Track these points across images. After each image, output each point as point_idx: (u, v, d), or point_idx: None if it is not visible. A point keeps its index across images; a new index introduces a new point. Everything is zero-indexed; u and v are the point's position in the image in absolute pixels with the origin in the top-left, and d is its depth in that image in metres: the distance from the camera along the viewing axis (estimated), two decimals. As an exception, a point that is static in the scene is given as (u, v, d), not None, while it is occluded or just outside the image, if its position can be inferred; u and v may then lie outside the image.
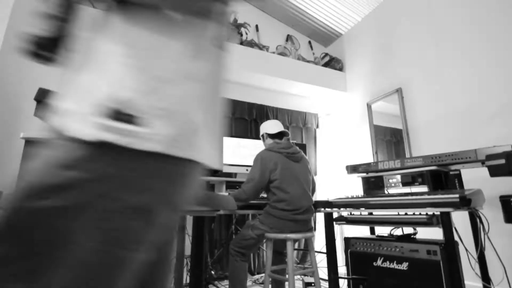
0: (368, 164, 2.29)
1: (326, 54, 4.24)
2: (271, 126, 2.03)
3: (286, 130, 2.04)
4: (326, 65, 4.11)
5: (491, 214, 2.22)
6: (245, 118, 3.50)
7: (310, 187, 1.93)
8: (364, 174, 2.33)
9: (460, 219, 2.43)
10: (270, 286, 2.17)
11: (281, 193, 1.78)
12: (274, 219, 1.75)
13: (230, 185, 2.53)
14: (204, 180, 2.52)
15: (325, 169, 3.96)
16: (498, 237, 2.25)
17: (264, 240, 1.91)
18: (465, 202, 1.52)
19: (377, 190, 2.23)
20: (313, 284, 2.21)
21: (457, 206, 1.53)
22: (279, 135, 2.03)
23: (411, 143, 3.03)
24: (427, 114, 2.89)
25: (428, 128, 2.87)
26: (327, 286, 2.43)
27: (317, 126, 4.03)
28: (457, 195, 1.52)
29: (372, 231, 2.36)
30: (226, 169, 2.59)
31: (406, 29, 3.22)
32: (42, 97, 0.95)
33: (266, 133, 2.04)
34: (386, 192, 2.20)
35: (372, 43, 3.68)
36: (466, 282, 2.38)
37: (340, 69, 4.11)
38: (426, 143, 2.88)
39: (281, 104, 3.90)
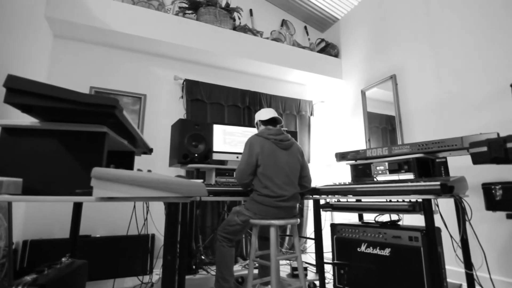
0: (357, 152, 2.29)
1: (322, 40, 4.16)
2: (264, 113, 2.02)
3: (279, 117, 2.03)
4: (321, 51, 4.04)
5: (477, 201, 2.24)
6: (238, 106, 3.48)
7: (297, 175, 1.93)
8: (352, 162, 2.33)
9: (446, 206, 2.46)
10: (257, 270, 2.22)
11: (265, 180, 1.79)
12: (258, 206, 1.77)
13: (220, 173, 2.54)
14: (196, 167, 2.53)
15: (319, 156, 3.97)
16: (481, 223, 2.28)
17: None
18: (446, 189, 1.52)
19: (365, 177, 2.24)
20: (300, 269, 2.25)
21: (438, 193, 1.54)
22: (272, 122, 2.02)
23: (403, 130, 3.02)
24: (420, 101, 2.87)
25: (420, 115, 2.85)
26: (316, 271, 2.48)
27: (311, 114, 4.00)
28: (438, 182, 1.52)
29: (361, 217, 2.39)
30: (216, 157, 2.59)
31: (403, 14, 3.15)
32: (11, 84, 0.94)
33: (259, 120, 2.04)
34: (375, 179, 2.21)
35: (368, 28, 3.61)
36: (450, 267, 2.43)
37: (336, 55, 4.05)
38: (418, 130, 2.87)
39: (275, 91, 3.87)
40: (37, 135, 1.12)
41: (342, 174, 3.61)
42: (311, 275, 2.29)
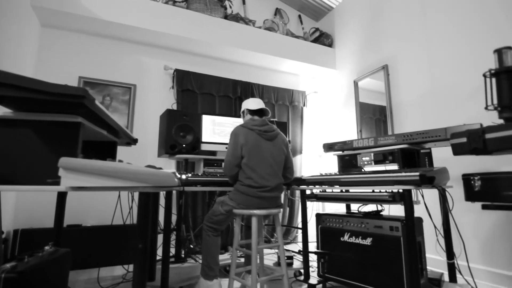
0: (344, 142, 2.29)
1: (316, 29, 4.11)
2: (252, 103, 2.01)
3: (267, 109, 2.02)
4: (315, 40, 3.99)
5: (460, 192, 2.24)
6: (229, 96, 3.46)
7: (281, 166, 1.93)
8: (340, 152, 2.34)
9: (432, 196, 2.47)
10: (243, 259, 2.25)
11: (248, 171, 1.80)
12: (241, 196, 1.78)
13: (208, 163, 2.55)
14: (184, 157, 2.54)
15: (311, 147, 3.97)
16: (466, 214, 2.30)
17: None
18: (425, 180, 1.53)
19: (351, 168, 2.25)
20: (286, 258, 2.29)
21: (417, 183, 1.55)
22: (259, 113, 2.01)
23: (394, 121, 3.01)
24: (411, 92, 2.85)
25: (411, 106, 2.84)
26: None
27: (304, 104, 3.98)
28: (417, 173, 1.53)
29: (348, 208, 2.41)
30: (205, 147, 2.60)
31: (397, 4, 3.09)
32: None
33: (246, 109, 2.02)
34: (363, 170, 2.22)
35: (363, 17, 3.55)
36: (433, 256, 2.47)
37: (330, 45, 4.00)
38: (408, 121, 2.86)
39: (268, 82, 3.84)
40: (10, 125, 1.12)
41: (333, 164, 3.61)
42: (298, 263, 2.32)
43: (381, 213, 2.00)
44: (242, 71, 3.71)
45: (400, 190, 1.66)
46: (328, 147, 2.39)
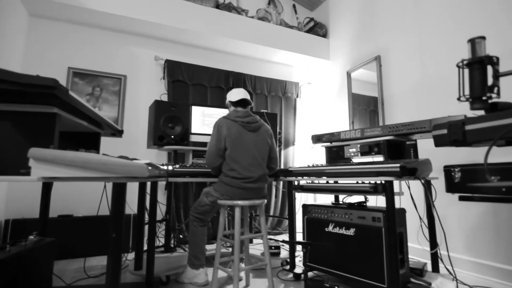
0: (332, 134, 2.29)
1: (311, 19, 4.05)
2: (234, 94, 2.00)
3: (249, 99, 2.01)
4: (309, 31, 3.94)
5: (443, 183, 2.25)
6: (221, 87, 3.44)
7: (265, 157, 1.94)
8: (328, 144, 2.34)
9: (419, 188, 2.48)
10: (231, 249, 2.28)
11: (231, 162, 1.80)
12: (225, 187, 1.79)
13: (197, 154, 2.56)
14: (173, 149, 2.54)
15: (304, 138, 3.96)
16: (451, 205, 2.32)
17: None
18: (406, 171, 1.53)
19: (339, 159, 2.25)
20: (273, 248, 2.32)
21: (398, 175, 1.55)
22: (241, 103, 2.00)
23: (385, 112, 3.00)
24: (402, 83, 2.83)
25: (402, 98, 2.82)
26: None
27: (297, 96, 3.96)
28: (397, 165, 1.53)
29: (337, 199, 2.42)
30: (194, 138, 2.60)
31: (389, -9, 3.04)
32: None
33: (229, 101, 2.02)
34: (352, 161, 2.22)
35: (357, 7, 3.50)
36: (418, 246, 2.49)
37: (324, 35, 3.95)
38: (399, 113, 2.85)
39: (260, 72, 3.81)
40: (-16, 116, 1.12)
41: (325, 156, 3.61)
42: (285, 253, 2.35)
43: (368, 204, 2.02)
44: (235, 61, 3.68)
45: (383, 181, 1.66)
46: (317, 139, 2.39)
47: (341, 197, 2.46)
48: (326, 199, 3.48)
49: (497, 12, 2.11)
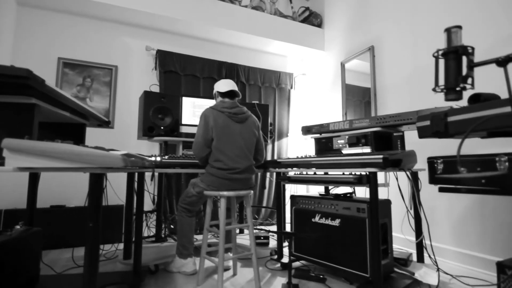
0: (321, 125, 2.29)
1: (306, 9, 3.99)
2: (222, 85, 1.98)
3: (237, 90, 2.00)
4: (304, 20, 3.89)
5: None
6: (214, 78, 3.42)
7: (252, 148, 1.94)
8: (317, 135, 2.33)
9: (406, 179, 2.49)
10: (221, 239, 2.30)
11: (217, 153, 1.81)
12: (212, 178, 1.80)
13: (188, 145, 2.56)
14: (163, 140, 2.55)
15: (298, 130, 3.96)
16: (435, 196, 2.34)
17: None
18: (388, 163, 1.54)
19: (327, 151, 2.26)
20: (262, 238, 2.34)
21: (381, 166, 1.55)
22: (229, 95, 1.99)
23: (377, 103, 2.99)
24: (395, 74, 2.80)
25: (395, 89, 2.81)
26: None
27: (292, 87, 3.94)
28: (380, 156, 1.54)
29: (327, 190, 2.43)
30: (184, 130, 2.60)
31: (384, -21, 2.98)
32: None
33: (217, 91, 2.01)
34: (342, 152, 2.23)
35: (351, -4, 3.44)
36: (403, 236, 2.52)
37: (319, 25, 3.90)
38: (392, 104, 2.83)
39: (254, 63, 3.78)
40: (-38, 106, 1.12)
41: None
42: (274, 243, 2.38)
43: (358, 195, 2.03)
44: (228, 52, 3.65)
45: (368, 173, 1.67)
46: (306, 130, 2.39)
47: (335, 189, 2.48)
48: (320, 190, 3.50)
49: (491, 2, 2.07)
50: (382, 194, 2.79)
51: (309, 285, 1.81)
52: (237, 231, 2.87)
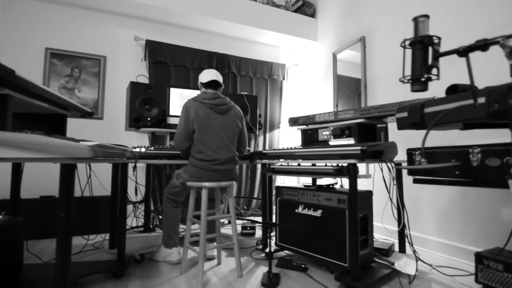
0: (307, 117, 2.28)
1: (300, -2, 3.92)
2: (204, 75, 1.97)
3: (220, 81, 1.98)
4: (297, 10, 3.83)
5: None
6: (204, 68, 3.39)
7: (234, 139, 1.94)
8: (303, 127, 2.33)
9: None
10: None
11: (199, 144, 1.81)
12: (194, 169, 1.81)
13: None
14: (150, 131, 2.55)
15: (291, 121, 3.95)
16: (421, 188, 2.35)
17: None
18: (367, 154, 1.54)
19: (313, 142, 2.26)
20: (248, 228, 2.37)
21: (360, 157, 1.56)
22: (212, 85, 1.97)
23: (367, 95, 2.97)
24: (386, 65, 2.78)
25: (385, 80, 2.78)
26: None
27: (284, 78, 3.91)
28: (358, 148, 1.54)
29: (314, 181, 2.45)
30: (172, 121, 2.59)
31: (376, -32, 2.92)
32: None
33: (200, 82, 2.00)
34: (329, 144, 2.23)
35: (344, -16, 3.38)
36: (386, 226, 2.55)
37: (312, 15, 3.84)
38: (381, 95, 2.82)
39: (246, 54, 3.74)
40: None
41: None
42: (260, 233, 2.41)
43: (345, 186, 2.04)
44: (219, 42, 3.61)
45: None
46: (293, 122, 2.38)
47: (324, 180, 2.50)
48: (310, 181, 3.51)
49: (478, -10, 2.04)
50: (367, 185, 2.81)
51: (291, 274, 1.84)
52: (226, 221, 2.90)
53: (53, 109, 1.55)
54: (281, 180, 3.83)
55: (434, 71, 0.88)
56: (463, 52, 0.79)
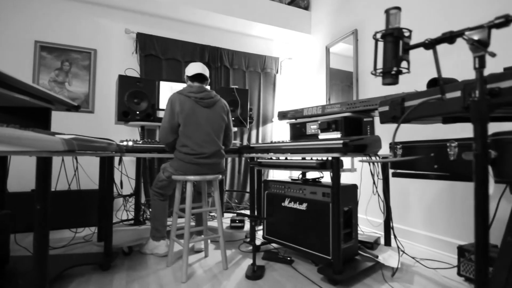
0: (296, 111, 2.28)
1: (294, -10, 3.87)
2: (190, 68, 1.95)
3: (205, 74, 1.97)
4: (291, 3, 3.79)
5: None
6: (196, 62, 3.37)
7: (220, 133, 1.94)
8: (291, 120, 2.33)
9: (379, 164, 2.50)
10: (195, 222, 2.34)
11: (184, 138, 1.81)
12: (179, 163, 1.82)
13: (164, 130, 2.55)
14: (140, 125, 2.55)
15: (284, 115, 3.94)
16: (408, 182, 2.36)
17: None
18: (349, 148, 1.54)
19: (301, 136, 2.26)
20: (237, 221, 2.39)
21: (343, 151, 1.56)
22: (198, 78, 1.96)
23: (359, 88, 2.96)
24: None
25: (375, 74, 2.77)
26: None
27: (277, 71, 3.89)
28: (341, 141, 1.54)
29: (304, 175, 2.45)
30: (162, 114, 2.59)
31: (368, -41, 2.88)
32: None
33: (186, 75, 1.99)
34: (318, 137, 2.23)
35: (337, -24, 3.33)
36: (373, 218, 2.57)
37: (306, 8, 3.80)
38: (373, 88, 2.81)
39: (238, 47, 3.72)
40: None
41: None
42: (249, 226, 2.43)
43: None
44: (211, 35, 3.58)
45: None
46: (282, 115, 2.38)
47: (313, 174, 2.50)
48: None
49: (467, -17, 2.01)
50: (354, 179, 2.82)
51: (276, 266, 1.86)
52: (215, 214, 2.91)
53: (35, 102, 1.55)
54: (273, 174, 3.84)
55: (404, 64, 0.87)
56: (429, 44, 0.79)
